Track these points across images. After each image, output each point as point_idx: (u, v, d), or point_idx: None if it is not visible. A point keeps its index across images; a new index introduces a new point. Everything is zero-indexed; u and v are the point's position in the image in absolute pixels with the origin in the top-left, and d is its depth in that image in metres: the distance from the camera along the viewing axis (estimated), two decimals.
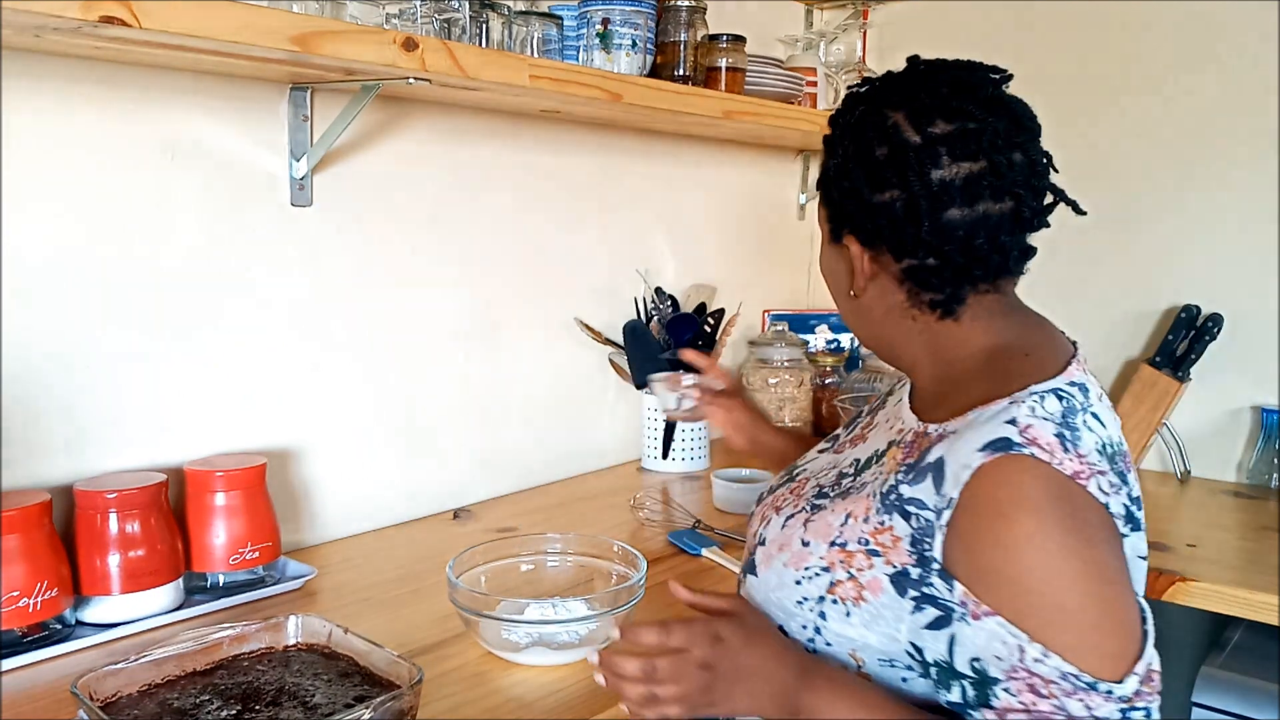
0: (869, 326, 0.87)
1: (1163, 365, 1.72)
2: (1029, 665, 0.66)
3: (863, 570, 0.76)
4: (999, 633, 0.68)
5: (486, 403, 1.57)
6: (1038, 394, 0.74)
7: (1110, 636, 0.67)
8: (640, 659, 0.77)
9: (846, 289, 0.86)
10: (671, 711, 0.77)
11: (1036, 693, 0.66)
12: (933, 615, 0.72)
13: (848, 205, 0.81)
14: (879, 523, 0.76)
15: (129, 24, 0.85)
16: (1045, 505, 0.68)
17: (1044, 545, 0.67)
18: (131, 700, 0.82)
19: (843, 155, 0.81)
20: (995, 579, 0.68)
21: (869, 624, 0.76)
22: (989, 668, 0.68)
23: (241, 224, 1.24)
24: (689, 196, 1.91)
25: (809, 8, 2.14)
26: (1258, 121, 1.67)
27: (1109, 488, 0.71)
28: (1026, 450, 0.69)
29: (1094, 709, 0.66)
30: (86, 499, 1.03)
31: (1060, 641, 0.66)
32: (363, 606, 1.13)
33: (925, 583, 0.72)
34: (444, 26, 1.19)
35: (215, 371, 1.23)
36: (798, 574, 0.81)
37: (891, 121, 0.78)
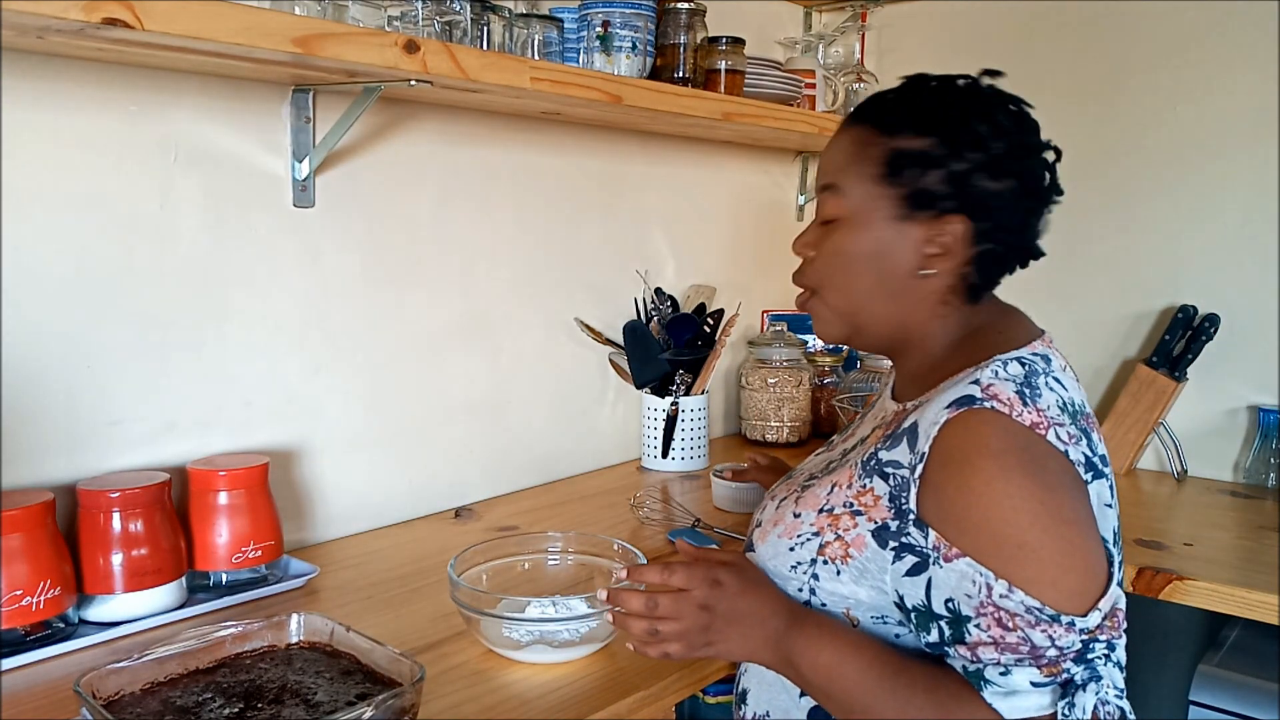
0: (893, 308, 0.87)
1: (1160, 365, 1.73)
2: (996, 601, 0.71)
3: (848, 530, 0.82)
4: (968, 572, 0.73)
5: (487, 402, 1.58)
6: (1002, 360, 0.80)
7: (1070, 573, 0.72)
8: (644, 595, 0.84)
9: (910, 267, 0.85)
10: (672, 649, 0.83)
11: (1003, 626, 0.71)
12: (911, 562, 0.77)
13: (963, 185, 0.82)
14: (861, 486, 0.82)
15: (131, 26, 0.85)
16: (1004, 451, 0.73)
17: (1004, 488, 0.72)
18: (134, 699, 0.83)
19: (951, 136, 0.82)
20: (962, 522, 0.73)
21: (857, 579, 0.81)
22: (961, 606, 0.73)
23: (244, 225, 1.24)
24: (689, 197, 1.92)
25: (808, 10, 2.15)
26: (1256, 122, 1.67)
27: (1068, 438, 0.76)
28: (987, 404, 0.75)
29: (1056, 639, 0.71)
30: (89, 498, 1.03)
31: (1022, 576, 0.71)
32: (364, 605, 1.13)
33: (904, 533, 0.77)
34: (445, 29, 1.19)
35: (218, 371, 1.23)
36: (791, 542, 0.86)
37: (1002, 118, 0.83)
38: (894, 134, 0.84)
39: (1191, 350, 1.70)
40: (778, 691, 0.89)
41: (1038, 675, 0.71)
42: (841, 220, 0.87)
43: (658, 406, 1.73)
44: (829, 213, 0.88)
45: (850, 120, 0.90)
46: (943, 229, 0.84)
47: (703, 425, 1.76)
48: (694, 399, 1.73)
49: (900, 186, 0.84)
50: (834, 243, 0.88)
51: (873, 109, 0.88)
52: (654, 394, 1.74)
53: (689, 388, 1.74)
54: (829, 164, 0.90)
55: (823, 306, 0.91)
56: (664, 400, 1.72)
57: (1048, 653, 0.71)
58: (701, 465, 1.76)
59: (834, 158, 0.89)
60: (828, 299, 0.90)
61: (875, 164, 0.85)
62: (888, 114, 0.86)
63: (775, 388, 1.92)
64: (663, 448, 1.73)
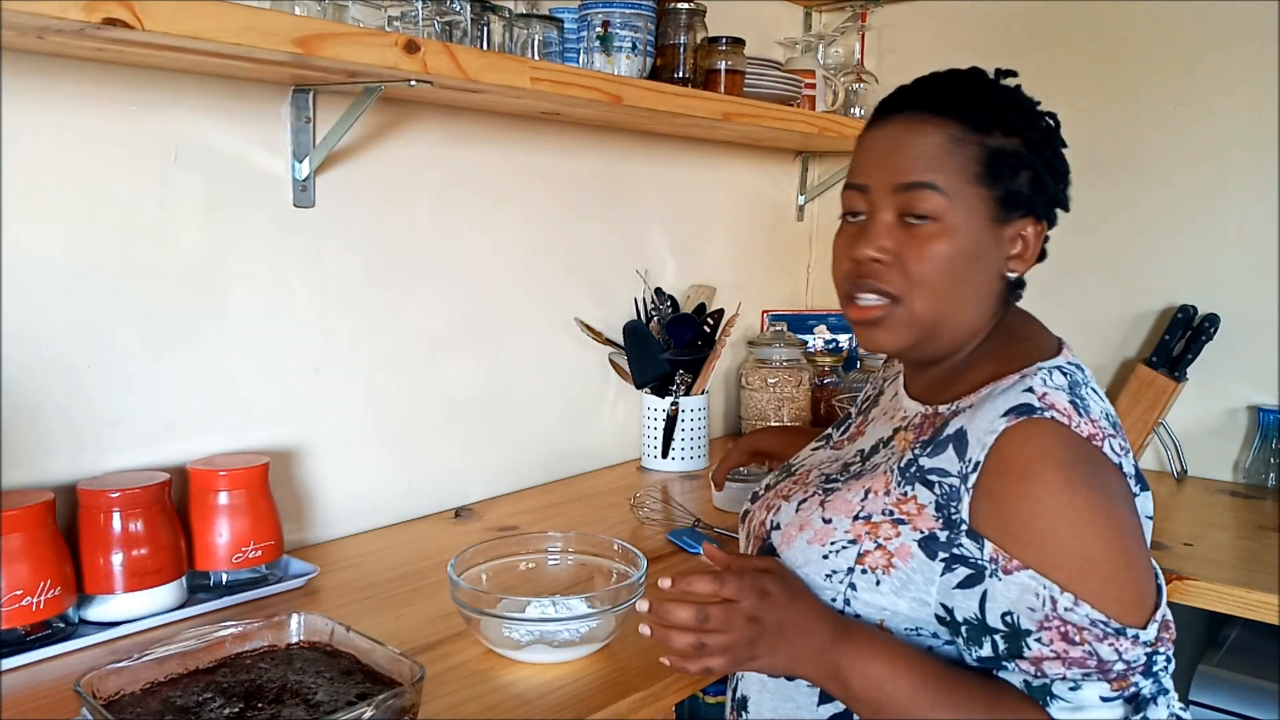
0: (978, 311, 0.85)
1: (1159, 365, 1.73)
2: (1061, 614, 0.70)
3: (890, 539, 0.79)
4: (1031, 585, 0.71)
5: (487, 402, 1.58)
6: (1046, 369, 0.79)
7: (1132, 586, 0.72)
8: (694, 607, 0.78)
9: (996, 271, 0.84)
10: (716, 662, 0.78)
11: (1069, 640, 0.70)
12: (963, 574, 0.75)
13: (1046, 187, 0.83)
14: (901, 494, 0.80)
15: (131, 26, 0.85)
16: (1069, 462, 0.72)
17: (1070, 500, 0.71)
18: (134, 698, 0.83)
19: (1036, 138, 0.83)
20: (1026, 533, 0.72)
21: (899, 590, 0.78)
22: (1021, 620, 0.72)
23: (244, 225, 1.24)
24: (689, 198, 1.92)
25: (808, 10, 2.15)
26: (1257, 122, 1.67)
27: (1120, 450, 0.76)
28: (1047, 414, 0.74)
29: (1123, 652, 0.70)
30: (90, 498, 1.03)
31: (1087, 589, 0.70)
32: (365, 605, 1.13)
33: (955, 544, 0.76)
34: (445, 29, 1.19)
35: (218, 371, 1.23)
36: (824, 549, 0.83)
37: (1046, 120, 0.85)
38: (987, 132, 0.81)
39: (1191, 350, 1.70)
40: (784, 699, 0.87)
41: (1107, 690, 0.70)
42: (942, 222, 0.80)
43: (658, 406, 1.73)
44: (927, 210, 0.80)
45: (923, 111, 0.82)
46: (1025, 230, 0.84)
47: (703, 425, 1.76)
48: (694, 399, 1.73)
49: (997, 188, 0.81)
50: (933, 247, 0.80)
51: (948, 101, 0.82)
52: (654, 394, 1.74)
53: (689, 388, 1.74)
54: (915, 160, 0.81)
55: (904, 315, 0.83)
56: (664, 400, 1.72)
57: (1115, 666, 0.70)
58: (701, 465, 1.76)
59: (921, 152, 0.81)
60: (915, 306, 0.82)
61: (974, 162, 0.80)
62: (975, 109, 0.81)
63: (775, 388, 1.92)
64: (663, 448, 1.73)
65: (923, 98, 0.83)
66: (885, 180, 0.82)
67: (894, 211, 0.82)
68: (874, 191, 0.83)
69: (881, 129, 0.85)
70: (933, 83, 0.85)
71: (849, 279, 0.85)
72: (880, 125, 0.85)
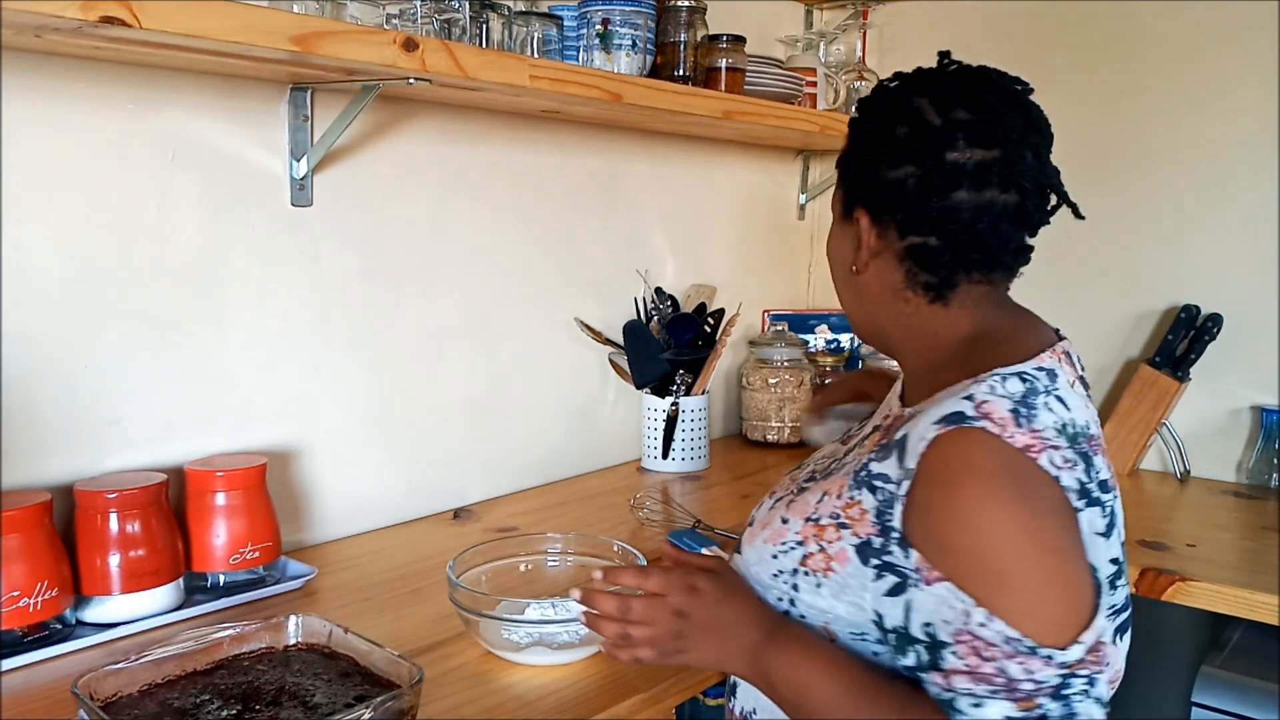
0: (863, 306, 0.89)
1: (1162, 365, 1.72)
2: (973, 629, 0.69)
3: (832, 542, 0.79)
4: (948, 597, 0.70)
5: (487, 403, 1.57)
6: (1001, 375, 0.76)
7: (1054, 604, 0.69)
8: (616, 598, 0.83)
9: (849, 265, 0.88)
10: (643, 654, 0.82)
11: (980, 655, 0.68)
12: (891, 582, 0.75)
13: (863, 179, 0.84)
14: (849, 498, 0.79)
15: (129, 24, 0.85)
16: (992, 474, 0.70)
17: (990, 513, 0.69)
18: (132, 700, 0.83)
19: (864, 133, 0.85)
20: (946, 545, 0.71)
21: (837, 594, 0.79)
22: (939, 631, 0.71)
23: (242, 224, 1.24)
24: (689, 197, 1.91)
25: (809, 8, 2.14)
26: (1259, 122, 1.67)
27: (1062, 462, 0.73)
28: (979, 423, 0.72)
29: (1034, 672, 0.67)
30: (87, 499, 1.03)
31: (1003, 605, 0.68)
32: (363, 606, 1.13)
33: (886, 551, 0.75)
34: (444, 27, 1.19)
35: (216, 371, 1.23)
36: (775, 549, 0.84)
37: (915, 105, 0.81)
38: (849, 139, 0.88)
39: (1194, 350, 1.70)
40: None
41: (1012, 710, 0.68)
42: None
43: (658, 407, 1.73)
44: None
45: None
46: (856, 224, 0.85)
47: (703, 425, 1.75)
48: (694, 399, 1.73)
49: (841, 188, 0.89)
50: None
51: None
52: (654, 394, 1.73)
53: (689, 388, 1.73)
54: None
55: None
56: (664, 400, 1.72)
57: (1023, 686, 0.67)
58: (702, 466, 1.76)
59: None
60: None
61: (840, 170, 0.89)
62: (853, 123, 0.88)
63: (776, 388, 1.91)
64: (663, 448, 1.73)
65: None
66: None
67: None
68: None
69: None
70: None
71: None
72: None
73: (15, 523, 0.95)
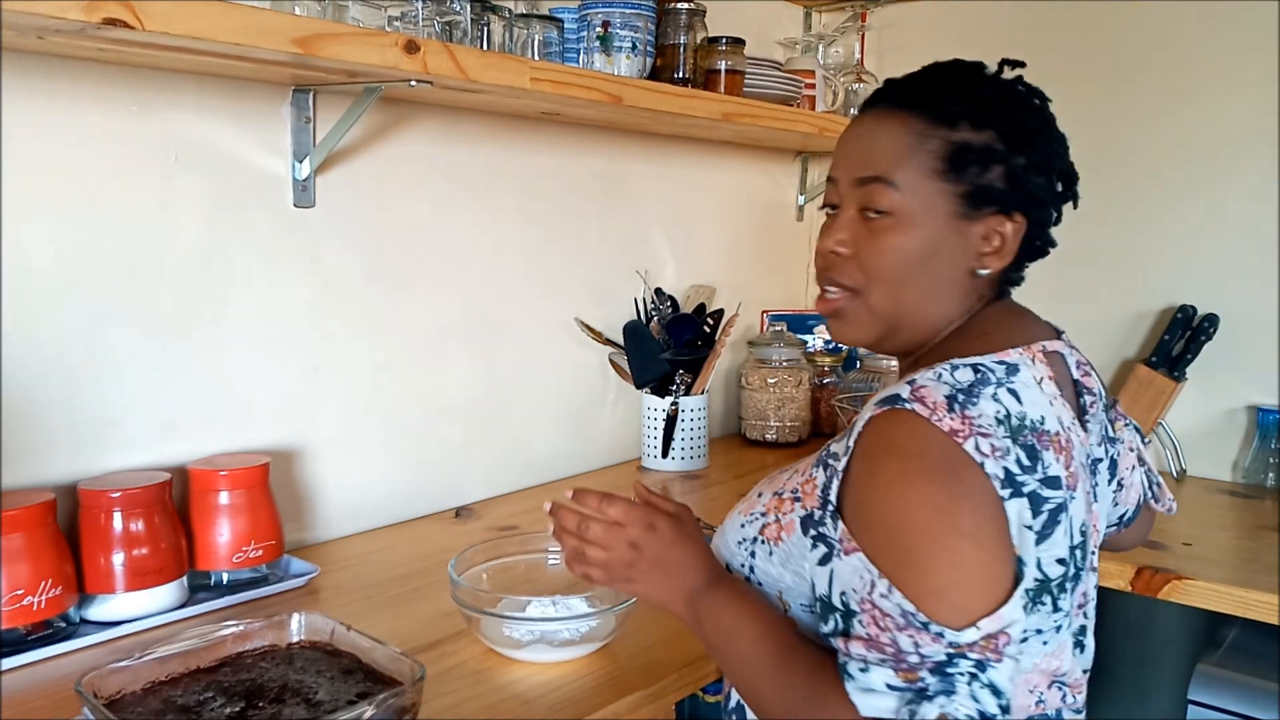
0: (942, 308, 0.84)
1: (1159, 365, 1.73)
2: (875, 599, 0.71)
3: (786, 514, 0.82)
4: (859, 568, 0.72)
5: (487, 402, 1.58)
6: (954, 365, 0.77)
7: (954, 586, 0.68)
8: (577, 515, 0.89)
9: (962, 268, 0.83)
10: (594, 574, 0.89)
11: (878, 625, 0.70)
12: (822, 552, 0.77)
13: (1023, 182, 0.81)
14: (808, 475, 0.82)
15: (131, 26, 0.85)
16: (912, 454, 0.71)
17: (903, 490, 0.71)
18: (135, 698, 0.83)
19: (1012, 131, 0.80)
20: (862, 519, 0.73)
21: (784, 562, 0.82)
22: (850, 600, 0.73)
23: (244, 225, 1.24)
24: (689, 198, 1.92)
25: (808, 10, 2.15)
26: (1256, 122, 1.68)
27: (990, 450, 0.72)
28: (909, 405, 0.73)
29: (920, 646, 0.68)
30: (91, 498, 1.04)
31: (906, 581, 0.69)
32: (365, 604, 1.13)
33: (821, 523, 0.78)
34: (445, 29, 1.19)
35: (219, 371, 1.23)
36: (744, 519, 0.88)
37: (1044, 111, 0.84)
38: (953, 126, 0.80)
39: (1191, 350, 1.70)
40: None
41: (894, 679, 0.68)
42: (895, 216, 0.81)
43: (658, 406, 1.73)
44: (880, 204, 0.81)
45: (890, 105, 0.83)
46: (1001, 226, 0.81)
47: (703, 425, 1.76)
48: (694, 399, 1.73)
49: (961, 183, 0.80)
50: (887, 241, 0.81)
51: (916, 94, 0.82)
52: (654, 394, 1.74)
53: (689, 388, 1.74)
54: (872, 155, 0.82)
55: (862, 308, 0.84)
56: (664, 400, 1.72)
57: (909, 658, 0.68)
58: (701, 465, 1.76)
59: (880, 148, 0.81)
60: (871, 300, 0.83)
61: (934, 157, 0.80)
62: (942, 103, 0.80)
63: (775, 388, 1.92)
64: (663, 448, 1.73)
65: (896, 91, 0.84)
66: (849, 174, 0.84)
67: (856, 205, 0.84)
68: (841, 185, 0.86)
69: (857, 121, 0.87)
70: (912, 77, 0.85)
71: (818, 272, 0.89)
72: (858, 118, 0.87)
73: (19, 522, 0.96)
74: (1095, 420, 0.87)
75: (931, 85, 0.83)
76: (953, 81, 0.83)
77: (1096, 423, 0.87)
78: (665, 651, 1.02)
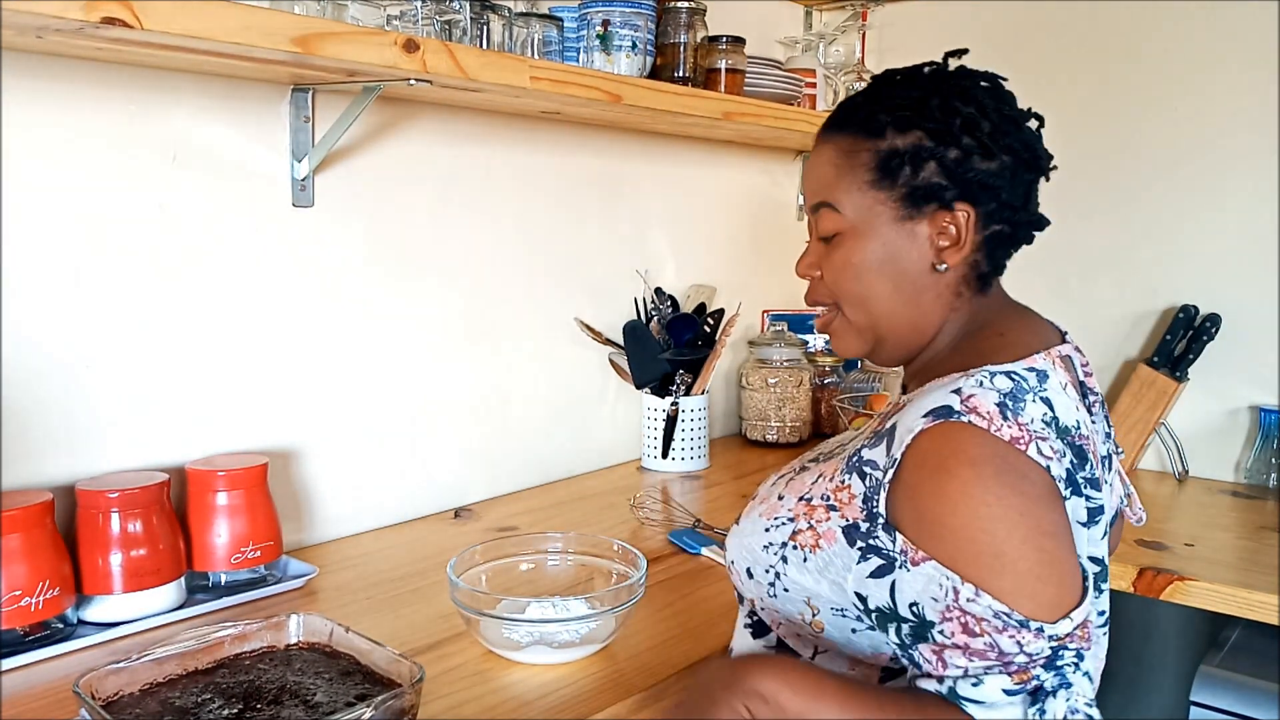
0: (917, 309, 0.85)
1: (1161, 365, 1.72)
2: (962, 605, 0.70)
3: (821, 522, 0.81)
4: (935, 576, 0.72)
5: (487, 402, 1.57)
6: (990, 373, 0.78)
7: (1047, 584, 0.71)
8: None
9: (921, 266, 0.84)
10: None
11: (970, 631, 0.70)
12: (876, 564, 0.76)
13: (961, 172, 0.82)
14: (840, 481, 0.81)
15: (130, 25, 0.85)
16: (981, 460, 0.72)
17: (982, 496, 0.71)
18: (133, 699, 0.83)
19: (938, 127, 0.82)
20: (938, 528, 0.73)
21: (821, 570, 0.81)
22: (926, 610, 0.73)
23: (243, 225, 1.24)
24: (689, 197, 1.92)
25: (808, 9, 2.15)
26: (1257, 122, 1.67)
27: (1050, 452, 0.75)
28: (965, 417, 0.74)
29: (1024, 645, 0.69)
30: (88, 498, 1.03)
31: (997, 586, 0.70)
32: (364, 605, 1.13)
33: (872, 535, 0.77)
34: (444, 28, 1.19)
35: (217, 371, 1.23)
36: (768, 522, 0.86)
37: (982, 96, 0.83)
38: (878, 136, 0.83)
39: (1193, 350, 1.70)
40: None
41: (1008, 683, 0.70)
42: (843, 234, 0.86)
43: (658, 406, 1.73)
44: (827, 229, 0.86)
45: (827, 132, 0.88)
46: (950, 219, 0.83)
47: (703, 425, 1.75)
48: (694, 399, 1.73)
49: (897, 187, 0.83)
50: (841, 257, 0.86)
51: (848, 115, 0.86)
52: (654, 394, 1.74)
53: (689, 388, 1.73)
54: (816, 182, 0.87)
55: (844, 323, 0.89)
56: (664, 400, 1.72)
57: (1016, 659, 0.70)
58: (702, 465, 1.76)
59: (820, 174, 0.87)
60: (848, 315, 0.88)
61: (866, 170, 0.84)
62: (865, 117, 0.84)
63: (775, 388, 1.92)
64: (663, 448, 1.73)
65: (831, 118, 0.89)
66: (807, 202, 0.90)
67: (817, 230, 0.89)
68: (807, 214, 0.91)
69: (812, 152, 0.91)
70: (851, 97, 0.89)
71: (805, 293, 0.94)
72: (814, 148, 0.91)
73: (17, 522, 0.95)
74: (1099, 420, 0.88)
75: (860, 103, 0.87)
76: (881, 92, 0.86)
77: (1100, 423, 0.88)
78: (665, 653, 1.01)
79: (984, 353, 0.81)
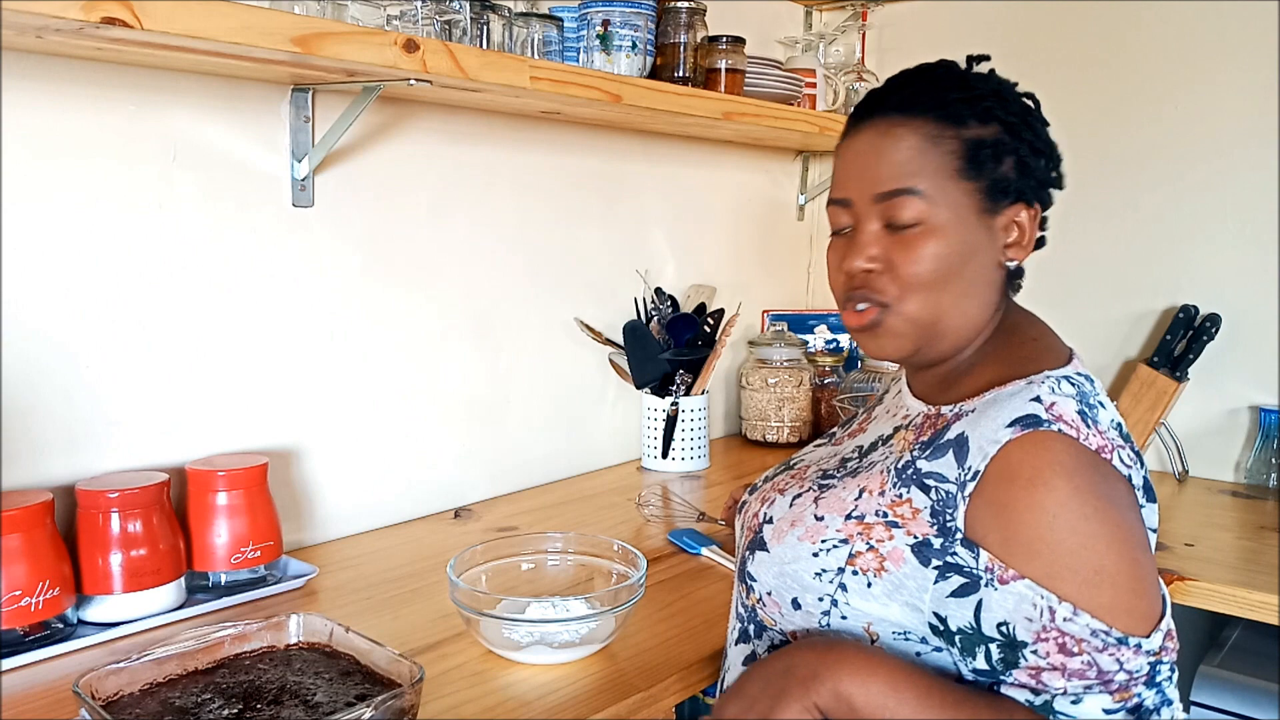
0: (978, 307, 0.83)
1: (1161, 365, 1.72)
2: (1059, 625, 0.69)
3: (883, 541, 0.77)
4: (1028, 595, 0.69)
5: (487, 402, 1.57)
6: (1054, 378, 0.77)
7: (1143, 598, 0.70)
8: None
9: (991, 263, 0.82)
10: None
11: (1067, 651, 0.68)
12: (958, 583, 0.73)
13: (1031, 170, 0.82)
14: (896, 495, 0.78)
15: (130, 25, 0.85)
16: (1077, 471, 0.71)
17: (1080, 509, 0.70)
18: (133, 699, 0.83)
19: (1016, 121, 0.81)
20: (1034, 543, 0.70)
21: (891, 594, 0.76)
22: (1017, 631, 0.70)
23: (243, 225, 1.24)
24: (689, 197, 1.92)
25: (808, 9, 2.15)
26: (1256, 122, 1.67)
27: (1130, 461, 0.75)
28: (1055, 426, 0.73)
29: (1124, 662, 0.68)
30: (88, 498, 1.03)
31: (1096, 602, 0.68)
32: (364, 605, 1.13)
33: (949, 552, 0.73)
34: (445, 28, 1.19)
35: (217, 371, 1.23)
36: (815, 547, 0.80)
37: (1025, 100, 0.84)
38: (962, 124, 0.80)
39: (1193, 350, 1.70)
40: None
41: (1109, 702, 0.68)
42: (927, 224, 0.79)
43: (658, 406, 1.73)
44: (908, 217, 0.79)
45: (893, 114, 0.81)
46: (1018, 216, 0.82)
47: (703, 425, 1.75)
48: (694, 399, 1.73)
49: (982, 178, 0.80)
50: (923, 250, 0.79)
51: (924, 99, 0.81)
52: (654, 394, 1.74)
53: (689, 388, 1.73)
54: (892, 168, 0.80)
55: (899, 321, 0.82)
56: (664, 400, 1.72)
57: (1117, 677, 0.68)
58: (702, 466, 1.76)
59: (897, 159, 0.80)
60: (908, 311, 0.81)
61: (954, 158, 0.79)
62: (947, 104, 0.80)
63: (776, 388, 1.91)
64: (663, 448, 1.73)
65: (893, 100, 0.82)
66: (865, 192, 0.82)
67: (879, 220, 0.82)
68: (857, 204, 0.83)
69: (856, 138, 0.84)
70: (901, 83, 0.84)
71: (844, 291, 0.85)
72: (855, 135, 0.84)
73: (17, 522, 0.95)
74: None
75: (929, 88, 0.82)
76: (948, 81, 0.82)
77: None
78: (665, 653, 1.01)
79: (1026, 358, 0.80)
